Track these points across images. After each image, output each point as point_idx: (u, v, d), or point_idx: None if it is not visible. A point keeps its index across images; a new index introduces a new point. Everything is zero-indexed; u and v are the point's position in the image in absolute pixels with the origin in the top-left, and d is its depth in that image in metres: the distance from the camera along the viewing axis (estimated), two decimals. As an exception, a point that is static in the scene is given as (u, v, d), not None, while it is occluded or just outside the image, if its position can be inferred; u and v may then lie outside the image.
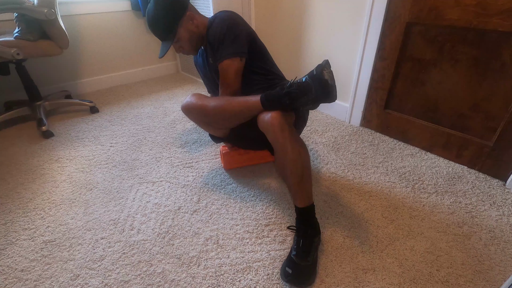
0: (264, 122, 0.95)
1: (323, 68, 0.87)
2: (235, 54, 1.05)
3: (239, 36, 1.06)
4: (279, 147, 0.94)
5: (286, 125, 0.93)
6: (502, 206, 1.14)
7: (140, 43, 2.55)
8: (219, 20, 1.07)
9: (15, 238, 1.04)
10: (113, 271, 0.91)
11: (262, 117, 0.96)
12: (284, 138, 0.92)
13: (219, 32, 1.05)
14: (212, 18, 1.13)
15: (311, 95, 0.89)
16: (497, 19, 1.10)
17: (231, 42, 1.04)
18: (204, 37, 1.17)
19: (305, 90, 0.89)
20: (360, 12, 1.53)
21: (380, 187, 1.25)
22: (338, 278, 0.88)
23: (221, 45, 1.04)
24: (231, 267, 0.91)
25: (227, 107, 1.04)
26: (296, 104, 0.92)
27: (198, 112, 1.10)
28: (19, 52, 1.53)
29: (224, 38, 1.04)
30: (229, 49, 1.04)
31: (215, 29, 1.06)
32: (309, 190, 0.95)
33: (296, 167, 0.92)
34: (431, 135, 1.45)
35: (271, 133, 0.94)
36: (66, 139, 1.68)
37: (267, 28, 2.13)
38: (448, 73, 1.31)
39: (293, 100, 0.91)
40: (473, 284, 0.85)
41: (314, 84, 0.88)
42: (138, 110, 2.05)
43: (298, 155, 0.92)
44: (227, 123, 1.11)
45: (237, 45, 1.05)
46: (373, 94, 1.62)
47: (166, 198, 1.22)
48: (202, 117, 1.10)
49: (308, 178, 0.95)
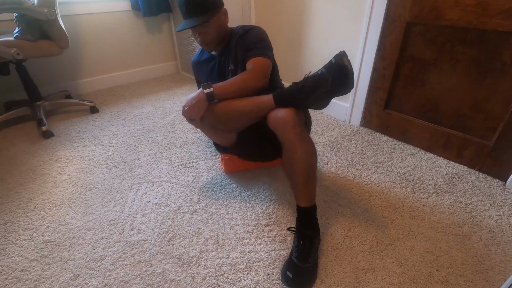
0: (276, 118, 0.92)
1: (343, 56, 0.87)
2: (269, 57, 1.10)
3: (271, 47, 1.15)
4: (289, 144, 0.92)
5: (298, 122, 0.91)
6: (502, 206, 1.14)
7: (140, 43, 2.55)
8: (258, 29, 1.15)
9: (15, 238, 1.04)
10: (113, 271, 0.91)
11: (274, 114, 0.93)
12: (295, 135, 0.90)
13: (259, 37, 1.12)
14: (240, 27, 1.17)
15: (327, 87, 0.87)
16: (497, 19, 1.10)
17: (266, 47, 1.12)
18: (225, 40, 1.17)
19: (320, 82, 0.87)
20: (360, 12, 1.53)
21: (380, 187, 1.25)
22: (338, 278, 0.88)
23: (258, 45, 1.10)
24: (231, 267, 0.91)
25: (236, 104, 1.00)
26: (310, 99, 0.90)
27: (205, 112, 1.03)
28: (19, 52, 1.53)
29: (262, 41, 1.11)
30: (266, 51, 1.10)
31: (254, 34, 1.13)
32: (313, 190, 0.94)
33: (303, 166, 0.91)
34: (431, 135, 1.45)
35: (282, 130, 0.92)
36: (66, 139, 1.68)
37: (267, 29, 2.13)
38: (448, 73, 1.31)
39: (308, 94, 0.89)
40: (473, 284, 0.85)
41: (332, 73, 0.87)
42: (138, 110, 2.05)
43: (306, 154, 0.91)
44: (235, 123, 1.06)
45: (271, 52, 1.13)
46: (373, 94, 1.62)
47: (166, 198, 1.22)
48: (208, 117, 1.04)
49: (314, 178, 0.94)
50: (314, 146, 0.95)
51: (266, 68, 1.07)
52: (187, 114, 1.00)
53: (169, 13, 2.56)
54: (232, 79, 1.03)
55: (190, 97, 1.00)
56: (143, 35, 2.54)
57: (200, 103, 0.97)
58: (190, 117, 1.00)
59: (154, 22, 2.56)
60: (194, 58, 1.33)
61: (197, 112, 0.98)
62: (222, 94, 1.00)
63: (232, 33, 1.18)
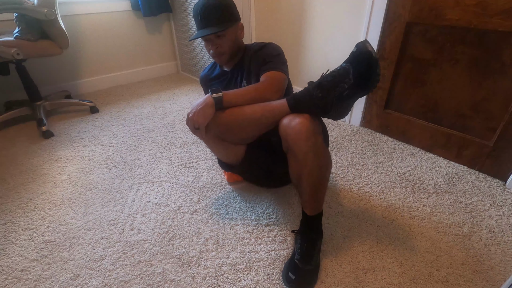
0: (289, 128, 0.82)
1: (365, 43, 0.77)
2: (286, 73, 1.05)
3: (286, 63, 1.10)
4: (301, 157, 0.84)
5: (312, 133, 0.82)
6: (502, 206, 1.14)
7: (140, 43, 2.55)
8: (274, 45, 1.10)
9: (15, 238, 1.04)
10: (113, 271, 0.91)
11: (287, 121, 0.84)
12: (308, 148, 0.82)
13: (274, 52, 1.08)
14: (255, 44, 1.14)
15: (348, 81, 0.77)
16: (497, 19, 1.10)
17: (283, 62, 1.07)
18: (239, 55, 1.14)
19: (341, 77, 0.78)
20: (360, 12, 1.53)
21: (380, 187, 1.25)
22: (338, 278, 0.88)
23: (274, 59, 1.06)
24: (231, 267, 0.91)
25: (246, 110, 0.91)
26: (329, 97, 0.79)
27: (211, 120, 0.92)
28: (19, 52, 1.53)
29: (278, 56, 1.07)
30: (282, 66, 1.05)
31: (270, 49, 1.08)
32: (322, 199, 0.91)
33: (313, 180, 0.86)
34: (431, 135, 1.45)
35: (293, 140, 0.83)
36: (66, 139, 1.68)
37: (267, 29, 2.13)
38: (448, 73, 1.31)
39: (327, 91, 0.79)
40: (473, 284, 0.85)
41: (354, 64, 0.77)
42: (138, 110, 2.05)
43: (319, 168, 0.85)
44: (243, 132, 0.96)
45: (286, 68, 1.08)
46: (373, 94, 1.62)
47: (166, 198, 1.22)
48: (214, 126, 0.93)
49: (324, 189, 0.91)
50: (329, 158, 0.90)
51: (281, 82, 0.99)
52: (191, 122, 0.89)
53: (169, 13, 2.56)
54: (245, 88, 0.95)
55: (196, 103, 0.91)
56: (143, 35, 2.54)
57: (207, 108, 0.87)
58: (195, 124, 0.89)
59: (154, 22, 2.56)
60: (202, 73, 1.25)
61: (203, 118, 0.88)
62: (232, 102, 0.91)
63: (246, 49, 1.13)
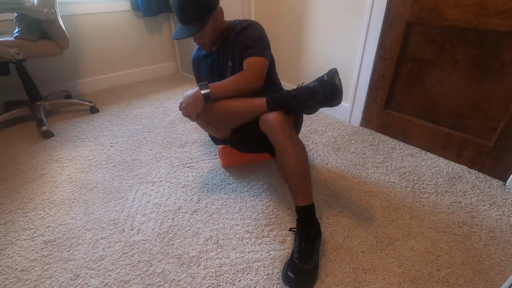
0: (266, 122, 1.00)
1: (334, 74, 0.94)
2: (266, 56, 1.13)
3: (269, 44, 1.17)
4: (280, 146, 0.99)
5: (286, 125, 0.98)
6: (502, 206, 1.14)
7: (140, 43, 2.55)
8: (255, 26, 1.16)
9: (15, 238, 1.04)
10: (113, 271, 0.91)
11: (264, 117, 1.01)
12: (285, 138, 0.97)
13: (256, 35, 1.14)
14: (237, 22, 1.17)
15: (318, 98, 0.96)
16: (497, 19, 1.10)
17: (264, 46, 1.14)
18: (222, 37, 1.19)
19: (313, 94, 0.96)
20: (360, 12, 1.53)
21: (380, 187, 1.25)
22: (338, 278, 0.88)
23: (256, 43, 1.12)
24: (231, 267, 0.91)
25: (231, 106, 1.06)
26: (302, 107, 0.99)
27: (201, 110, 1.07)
28: (19, 52, 1.52)
29: (259, 40, 1.13)
30: (263, 50, 1.12)
31: (252, 31, 1.14)
32: (309, 189, 0.97)
33: (296, 166, 0.96)
34: (431, 135, 1.45)
35: (272, 133, 0.99)
36: (66, 139, 1.68)
37: (267, 28, 2.13)
38: (448, 73, 1.31)
39: (301, 102, 0.98)
40: (473, 284, 0.85)
41: (324, 88, 0.95)
42: (138, 110, 2.05)
43: (297, 154, 0.97)
44: (229, 123, 1.13)
45: (268, 51, 1.16)
46: (373, 94, 1.62)
47: (166, 198, 1.22)
48: (204, 115, 1.09)
49: (308, 177, 0.99)
50: (303, 146, 1.01)
51: (262, 69, 1.10)
52: (184, 111, 1.05)
53: (169, 13, 2.56)
54: (229, 80, 1.07)
55: (187, 94, 1.05)
56: (143, 35, 2.54)
57: (197, 102, 1.03)
58: (187, 113, 1.06)
59: (154, 22, 2.56)
60: (193, 55, 1.35)
61: (194, 111, 1.04)
62: (218, 94, 1.05)
63: (229, 29, 1.18)
